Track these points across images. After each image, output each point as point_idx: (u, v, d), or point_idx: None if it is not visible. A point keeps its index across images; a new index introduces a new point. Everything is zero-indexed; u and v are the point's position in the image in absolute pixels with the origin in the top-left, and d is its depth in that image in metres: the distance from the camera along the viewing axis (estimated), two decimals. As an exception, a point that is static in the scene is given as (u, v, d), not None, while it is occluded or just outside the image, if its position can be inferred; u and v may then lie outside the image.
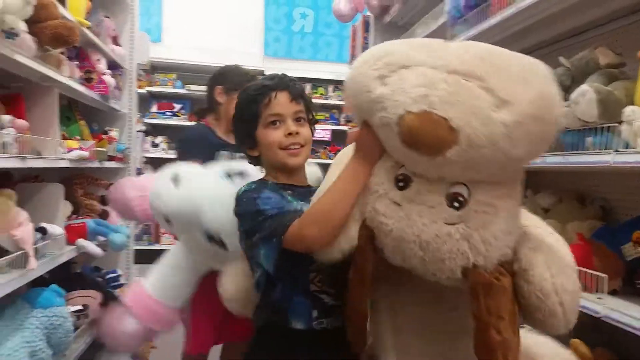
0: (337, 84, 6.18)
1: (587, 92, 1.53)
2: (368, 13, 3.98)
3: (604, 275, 1.59)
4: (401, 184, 1.11)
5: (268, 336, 1.42)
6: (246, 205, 1.36)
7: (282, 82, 1.47)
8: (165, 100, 6.24)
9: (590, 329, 1.80)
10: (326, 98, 6.46)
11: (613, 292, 1.67)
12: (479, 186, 1.06)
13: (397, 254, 1.13)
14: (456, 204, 1.06)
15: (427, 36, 3.00)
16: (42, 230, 2.27)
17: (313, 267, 1.34)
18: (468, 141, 0.98)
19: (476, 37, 2.31)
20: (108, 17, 3.44)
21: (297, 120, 1.46)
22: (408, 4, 3.43)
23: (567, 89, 1.72)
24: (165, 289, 1.98)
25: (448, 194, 1.06)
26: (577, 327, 1.66)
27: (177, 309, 2.01)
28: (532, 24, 2.12)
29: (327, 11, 6.58)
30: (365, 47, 4.07)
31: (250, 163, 1.60)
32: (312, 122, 1.54)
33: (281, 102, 1.44)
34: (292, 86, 1.47)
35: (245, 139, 1.51)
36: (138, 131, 4.18)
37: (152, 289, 1.97)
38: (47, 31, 2.10)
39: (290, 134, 1.43)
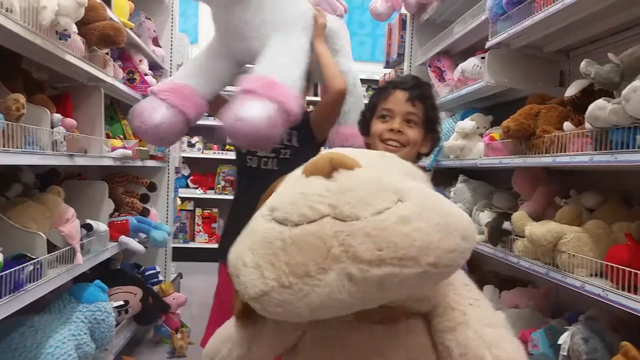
0: (370, 83, 6.15)
1: (638, 89, 1.49)
2: (404, 11, 3.94)
3: (654, 276, 1.54)
4: None
5: None
6: None
7: (405, 82, 1.57)
8: (201, 100, 6.31)
9: (640, 332, 1.75)
10: (359, 97, 6.43)
11: (664, 295, 1.62)
12: None
13: None
14: None
15: (466, 34, 2.96)
16: (88, 227, 2.33)
17: None
18: None
19: (519, 34, 2.27)
20: (149, 19, 3.50)
21: (408, 121, 1.52)
22: (447, 1, 3.36)
23: (616, 86, 1.68)
24: None
25: None
26: (627, 329, 1.62)
27: None
28: (578, 20, 2.07)
29: (360, 11, 6.56)
30: (401, 46, 4.03)
31: None
32: (429, 129, 1.56)
33: (396, 99, 1.53)
34: (414, 88, 1.54)
35: (363, 126, 1.62)
36: (176, 131, 4.23)
37: None
38: (95, 32, 2.16)
39: (392, 130, 1.51)
